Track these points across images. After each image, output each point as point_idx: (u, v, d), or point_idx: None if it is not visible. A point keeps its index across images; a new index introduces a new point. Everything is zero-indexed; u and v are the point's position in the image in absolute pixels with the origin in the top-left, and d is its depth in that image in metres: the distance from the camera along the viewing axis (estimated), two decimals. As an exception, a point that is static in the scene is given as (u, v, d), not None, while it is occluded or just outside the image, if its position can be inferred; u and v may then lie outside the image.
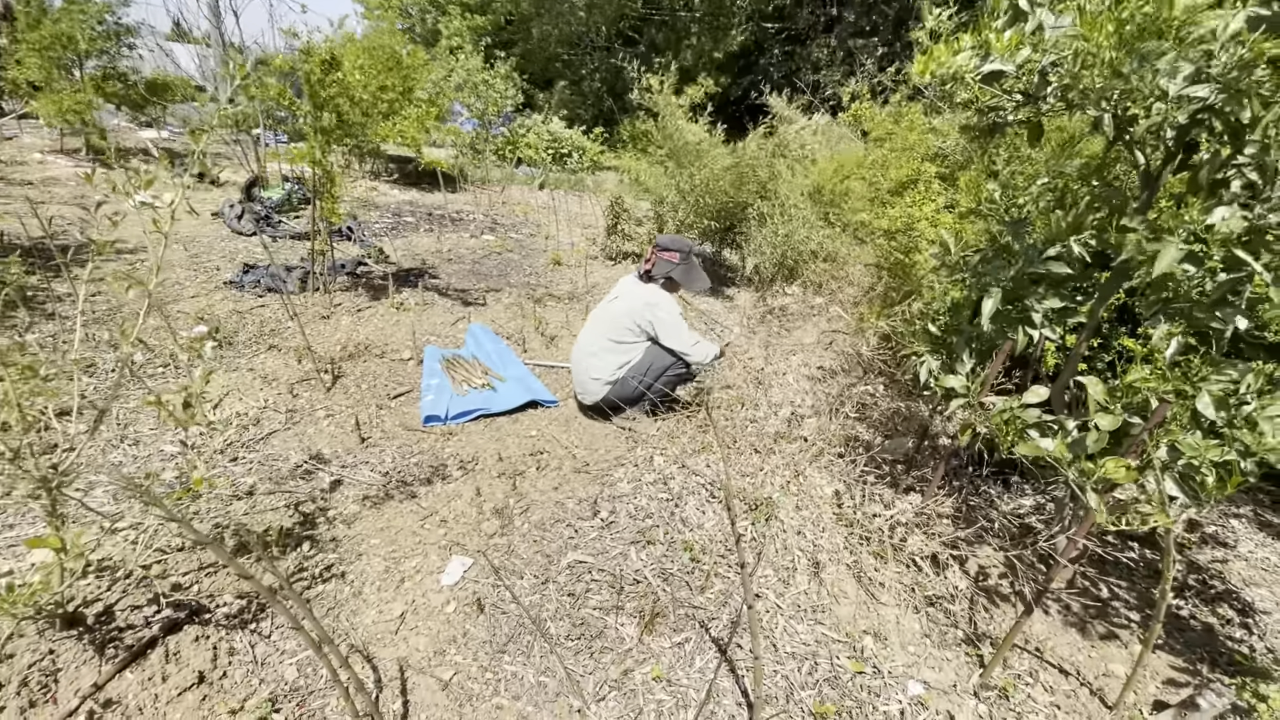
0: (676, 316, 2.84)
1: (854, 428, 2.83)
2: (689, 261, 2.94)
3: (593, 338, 2.93)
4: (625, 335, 2.86)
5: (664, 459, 2.62)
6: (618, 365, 2.86)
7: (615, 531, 2.18)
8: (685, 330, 2.86)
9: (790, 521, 2.19)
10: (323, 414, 2.83)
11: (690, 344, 2.85)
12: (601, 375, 2.87)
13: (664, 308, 2.83)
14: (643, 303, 2.84)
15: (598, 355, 2.88)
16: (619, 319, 2.86)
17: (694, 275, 2.94)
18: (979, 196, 1.88)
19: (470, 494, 2.37)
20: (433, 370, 3.27)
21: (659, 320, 2.82)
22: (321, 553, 2.01)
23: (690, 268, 2.93)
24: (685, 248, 2.92)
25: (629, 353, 2.87)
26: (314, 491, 2.31)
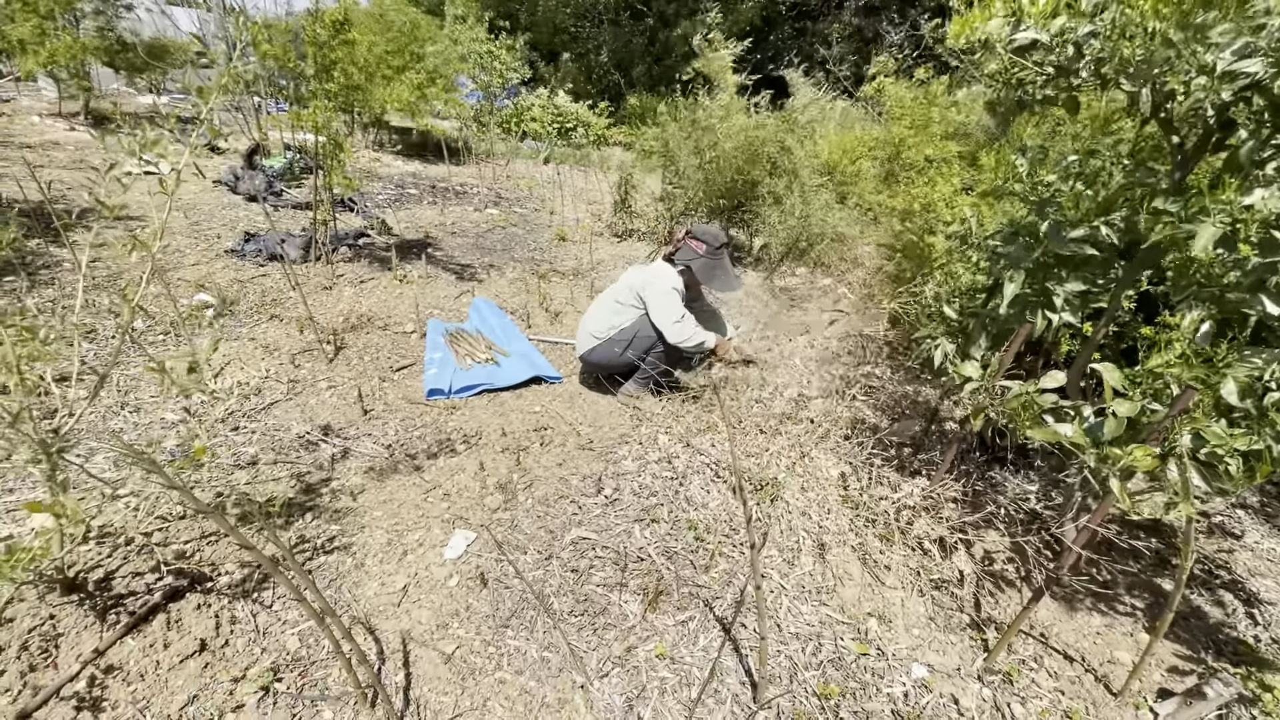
0: (668, 292, 2.73)
1: (861, 410, 2.80)
2: (716, 256, 2.81)
3: (602, 299, 2.93)
4: (625, 298, 2.83)
5: (669, 437, 2.60)
6: (609, 325, 2.82)
7: (619, 509, 2.17)
8: (674, 308, 2.73)
9: (796, 503, 2.17)
10: (325, 385, 2.80)
11: (670, 322, 2.73)
12: (592, 328, 2.86)
13: (659, 283, 2.75)
14: (642, 273, 2.82)
15: (597, 313, 2.87)
16: (622, 284, 2.86)
17: (718, 273, 2.81)
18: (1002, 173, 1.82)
19: (474, 468, 2.35)
20: (436, 344, 3.24)
21: (649, 290, 2.75)
22: (324, 524, 2.00)
23: (715, 264, 2.80)
24: (715, 240, 2.80)
25: (621, 316, 2.82)
26: (317, 462, 2.29)
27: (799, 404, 2.84)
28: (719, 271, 2.82)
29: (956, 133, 3.52)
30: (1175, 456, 1.27)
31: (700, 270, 2.81)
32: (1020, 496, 2.31)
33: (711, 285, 2.83)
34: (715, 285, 2.83)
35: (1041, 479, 2.44)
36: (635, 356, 2.80)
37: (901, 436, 2.59)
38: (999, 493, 2.32)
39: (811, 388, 3.01)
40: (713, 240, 2.82)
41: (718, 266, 2.82)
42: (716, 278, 2.82)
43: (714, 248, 2.81)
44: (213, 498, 2.03)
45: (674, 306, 2.74)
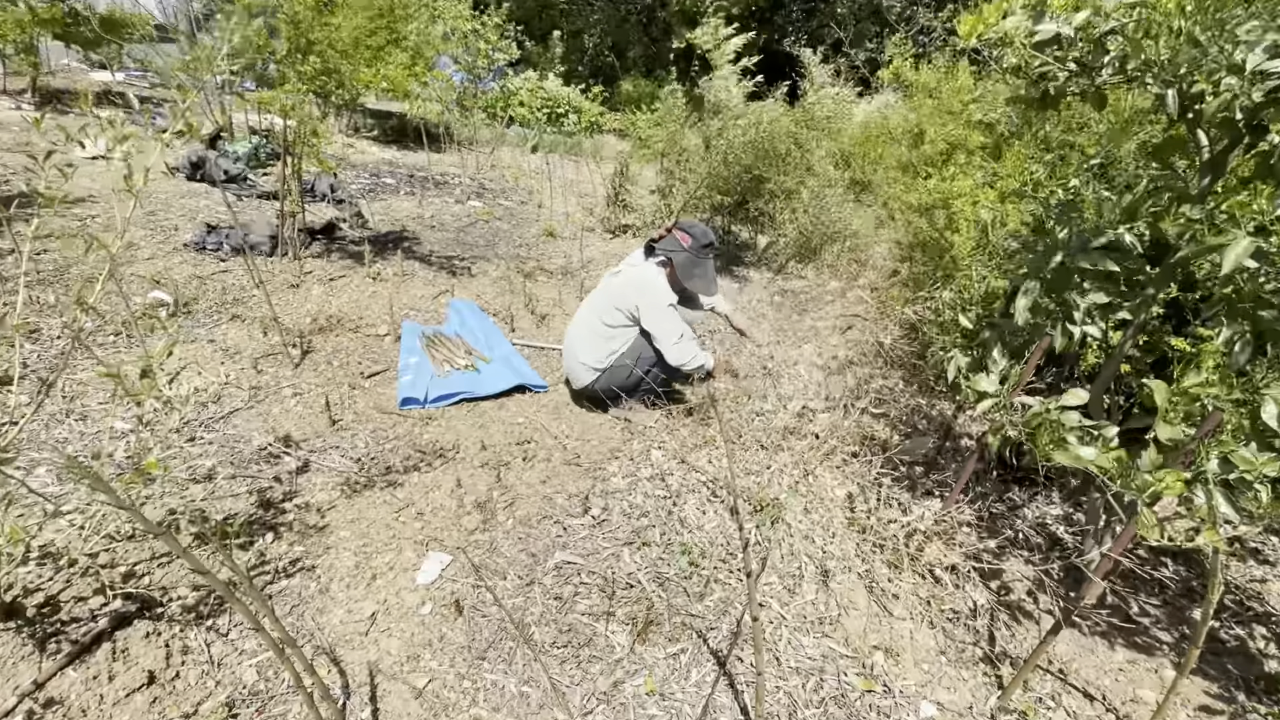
0: (665, 310, 2.73)
1: (870, 425, 2.82)
2: (701, 256, 2.82)
3: (585, 317, 2.89)
4: (613, 318, 2.80)
5: (662, 453, 2.61)
6: (608, 352, 2.82)
7: (607, 530, 2.18)
8: (674, 327, 2.74)
9: (798, 525, 2.18)
10: (290, 392, 2.80)
11: (671, 341, 2.74)
12: (589, 360, 2.83)
13: (652, 293, 2.73)
14: (632, 285, 2.77)
15: (587, 339, 2.84)
16: (610, 299, 2.81)
17: (697, 273, 2.82)
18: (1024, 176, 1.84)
19: (450, 485, 2.35)
20: (411, 348, 3.24)
21: (647, 310, 2.74)
22: (286, 545, 1.99)
23: (696, 262, 2.82)
24: (703, 238, 2.82)
25: (618, 339, 2.81)
26: (279, 477, 2.29)
27: (804, 417, 2.85)
28: (699, 272, 2.84)
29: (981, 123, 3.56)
30: (1201, 481, 1.29)
31: (681, 266, 2.81)
32: (1040, 520, 2.33)
33: (688, 285, 2.84)
34: (692, 285, 2.84)
35: (1063, 500, 2.46)
36: (643, 371, 2.82)
37: (913, 454, 2.61)
38: (1017, 516, 2.34)
39: (817, 400, 3.03)
40: (700, 236, 2.83)
41: (699, 266, 2.84)
42: (695, 277, 2.83)
43: (700, 245, 2.82)
44: (165, 516, 2.02)
45: (674, 325, 2.75)
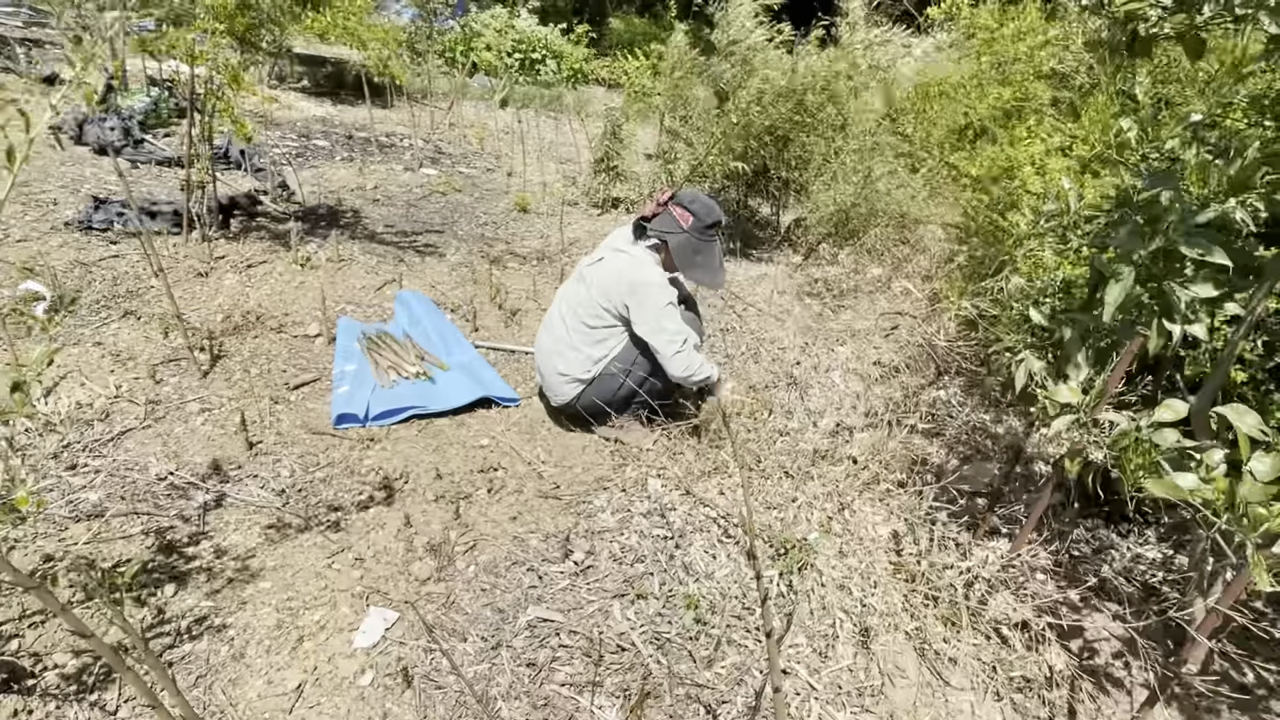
0: (663, 309, 2.69)
1: (921, 446, 2.82)
2: (705, 238, 2.78)
3: (561, 317, 2.87)
4: (597, 318, 2.77)
5: (662, 482, 2.61)
6: (593, 359, 2.80)
7: (593, 580, 2.17)
8: (674, 331, 2.69)
9: (831, 572, 2.18)
10: (196, 408, 2.80)
11: (672, 349, 2.69)
12: (570, 370, 2.82)
13: (645, 290, 2.68)
14: (621, 276, 2.71)
15: (566, 344, 2.82)
16: (593, 294, 2.77)
17: (699, 259, 2.77)
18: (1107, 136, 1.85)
19: (397, 524, 2.35)
20: (349, 352, 3.24)
21: (640, 308, 2.69)
22: (192, 599, 1.99)
23: (699, 246, 2.77)
24: (706, 216, 2.77)
25: (605, 344, 2.80)
26: (184, 514, 2.28)
27: (838, 438, 2.86)
28: (701, 259, 2.78)
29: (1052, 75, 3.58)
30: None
31: (679, 250, 2.76)
32: (1133, 565, 2.34)
33: (688, 275, 2.80)
34: (693, 276, 2.79)
35: (1161, 540, 2.46)
36: (636, 382, 2.80)
37: (974, 483, 2.61)
38: (1104, 560, 2.34)
39: (856, 415, 3.03)
40: (704, 214, 2.77)
41: (702, 251, 2.78)
42: (697, 266, 2.78)
43: (705, 225, 2.77)
44: (39, 563, 2.01)
45: (674, 329, 2.71)
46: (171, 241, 4.06)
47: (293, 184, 5.26)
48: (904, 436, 2.81)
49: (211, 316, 3.44)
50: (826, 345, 3.71)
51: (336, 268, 4.13)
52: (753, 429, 2.90)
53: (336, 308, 3.72)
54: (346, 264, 4.20)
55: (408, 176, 6.07)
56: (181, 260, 3.88)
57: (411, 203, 5.48)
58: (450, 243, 4.80)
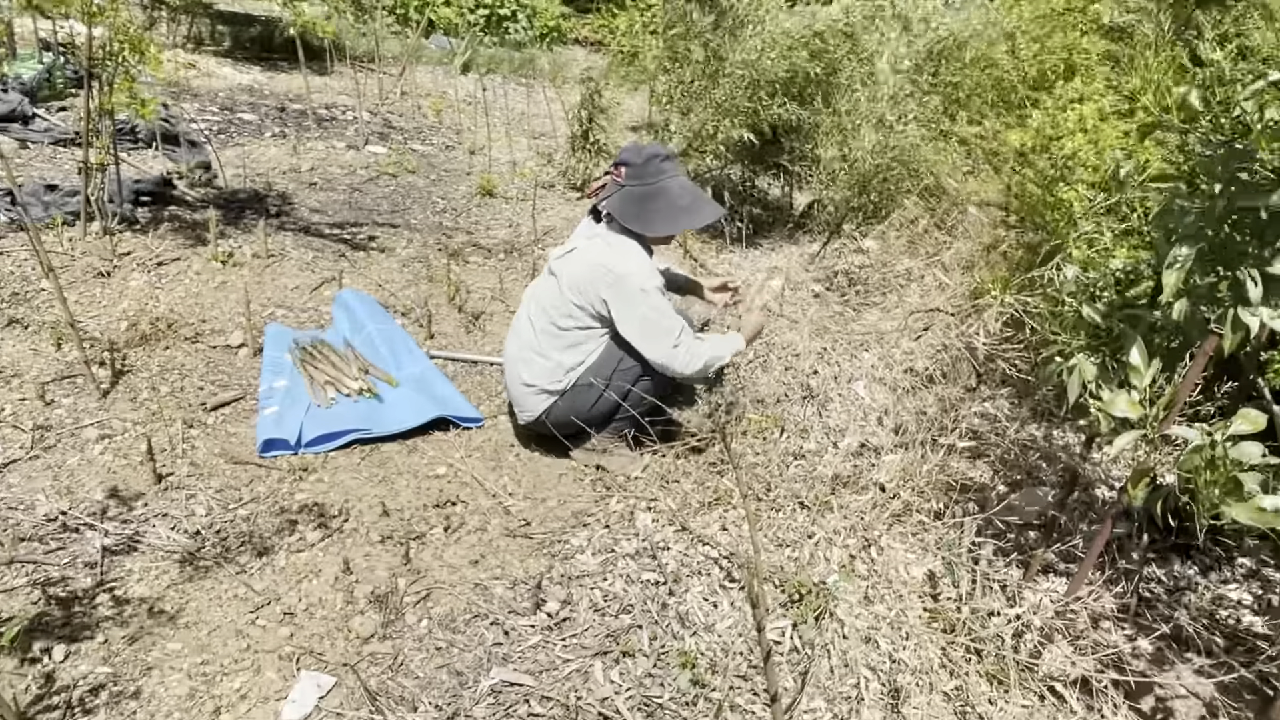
0: (646, 295, 2.68)
1: (961, 470, 2.82)
2: (646, 181, 2.74)
3: (531, 320, 2.87)
4: (570, 317, 2.76)
5: (653, 517, 2.60)
6: (564, 367, 2.80)
7: (570, 635, 2.15)
8: (663, 320, 2.69)
9: (855, 622, 2.17)
10: (94, 434, 2.78)
11: (667, 344, 2.70)
12: (538, 380, 2.81)
13: (627, 279, 2.67)
14: (595, 266, 2.71)
15: (535, 351, 2.82)
16: (564, 291, 2.76)
17: (654, 204, 2.73)
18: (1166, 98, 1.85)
19: (334, 570, 2.33)
20: (279, 366, 3.23)
21: (614, 299, 2.68)
22: (87, 662, 1.96)
23: (645, 192, 2.74)
24: (637, 156, 2.77)
25: (581, 347, 2.80)
26: (78, 560, 2.26)
27: (863, 460, 2.85)
28: (655, 203, 2.73)
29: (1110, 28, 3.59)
30: None
31: (622, 208, 2.74)
32: (1214, 607, 2.33)
33: (650, 229, 2.75)
34: (656, 226, 2.75)
35: (1248, 577, 2.46)
36: (619, 394, 2.80)
37: (1025, 513, 2.60)
38: (1179, 602, 2.33)
39: (883, 434, 3.02)
40: (634, 156, 2.77)
41: (652, 195, 2.74)
42: (654, 212, 2.73)
43: (638, 165, 2.75)
44: (-99, 622, 1.99)
45: (666, 324, 2.68)
46: (67, 235, 4.03)
47: (214, 166, 5.25)
48: (941, 458, 2.80)
49: (114, 324, 3.42)
50: (848, 350, 3.70)
51: (264, 265, 4.11)
52: (761, 451, 2.89)
53: (264, 312, 3.70)
54: (276, 260, 4.19)
55: (351, 156, 6.06)
56: (78, 258, 3.86)
57: (355, 187, 5.47)
58: (401, 234, 4.80)
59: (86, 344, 3.17)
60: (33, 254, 3.78)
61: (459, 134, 7.09)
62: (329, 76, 8.44)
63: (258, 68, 8.29)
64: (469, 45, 10.06)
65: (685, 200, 2.77)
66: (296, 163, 5.72)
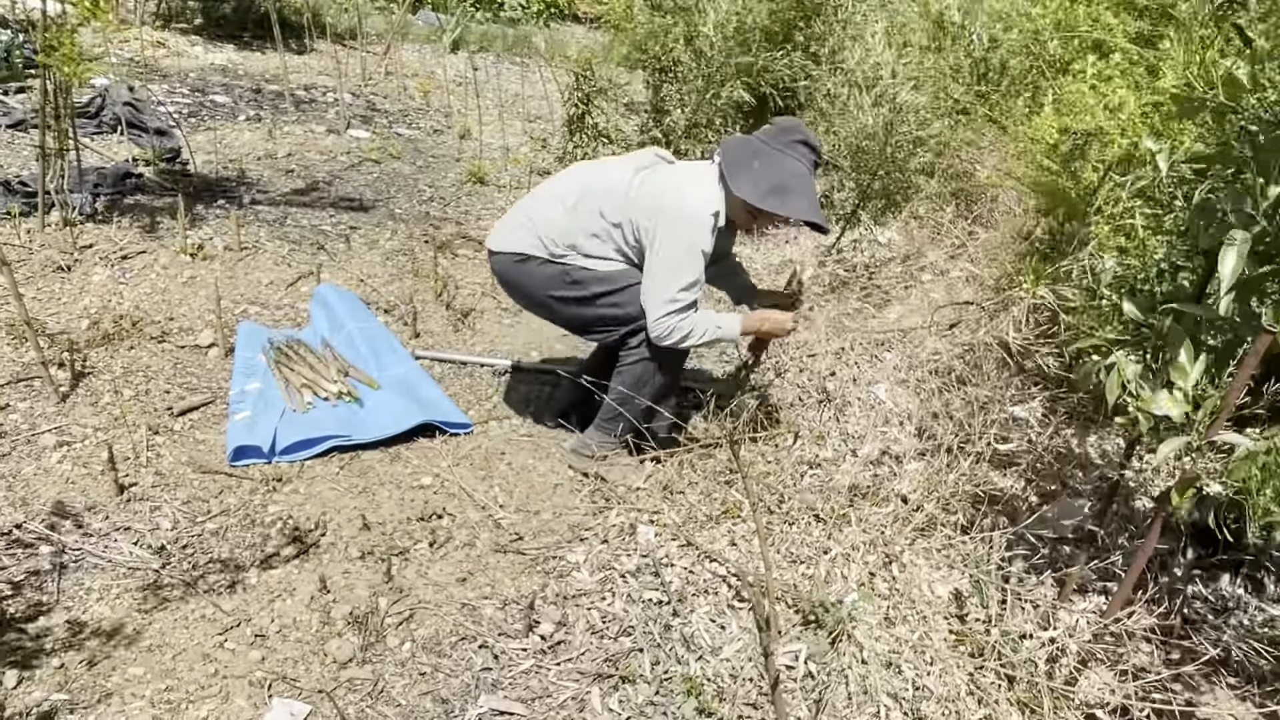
0: (685, 253, 2.60)
1: (991, 480, 2.80)
2: (768, 139, 2.70)
3: (583, 180, 2.78)
4: (610, 214, 2.66)
5: (656, 531, 2.58)
6: (569, 246, 2.70)
7: (565, 659, 2.14)
8: (683, 276, 2.60)
9: (875, 645, 2.16)
10: (52, 441, 2.78)
11: (663, 297, 2.62)
12: (537, 225, 2.74)
13: (678, 216, 2.59)
14: (663, 193, 2.63)
15: (566, 204, 2.71)
16: (622, 188, 2.68)
17: (750, 165, 2.64)
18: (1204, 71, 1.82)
19: (310, 589, 2.32)
20: (251, 367, 3.22)
21: (655, 233, 2.61)
22: (39, 690, 1.95)
23: (761, 149, 2.67)
24: (784, 121, 2.78)
25: (601, 246, 2.71)
26: (30, 579, 2.25)
27: (884, 469, 2.84)
28: (761, 168, 2.64)
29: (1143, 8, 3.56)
30: None
31: (734, 149, 2.69)
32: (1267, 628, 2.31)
33: (737, 184, 2.62)
34: (744, 184, 2.62)
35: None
36: (602, 325, 2.77)
37: (1059, 527, 2.59)
38: (1227, 623, 2.31)
39: (906, 440, 3.01)
40: (784, 121, 2.80)
41: (765, 157, 2.66)
42: (753, 175, 2.63)
43: (780, 127, 2.75)
44: None
45: (683, 281, 2.61)
46: (24, 226, 4.03)
47: (184, 151, 5.24)
48: (968, 467, 2.78)
49: (74, 323, 3.42)
50: (868, 350, 3.68)
51: (237, 258, 4.11)
52: (774, 459, 2.88)
53: (236, 310, 3.70)
54: (250, 253, 4.18)
55: (331, 141, 6.06)
56: (36, 250, 3.86)
57: (336, 174, 5.47)
58: (385, 225, 4.79)
59: (44, 343, 3.16)
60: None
61: (448, 117, 7.08)
62: (308, 55, 8.42)
63: (231, 46, 8.29)
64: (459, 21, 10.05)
65: (789, 182, 2.65)
66: (272, 148, 5.71)
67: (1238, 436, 1.67)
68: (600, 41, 8.95)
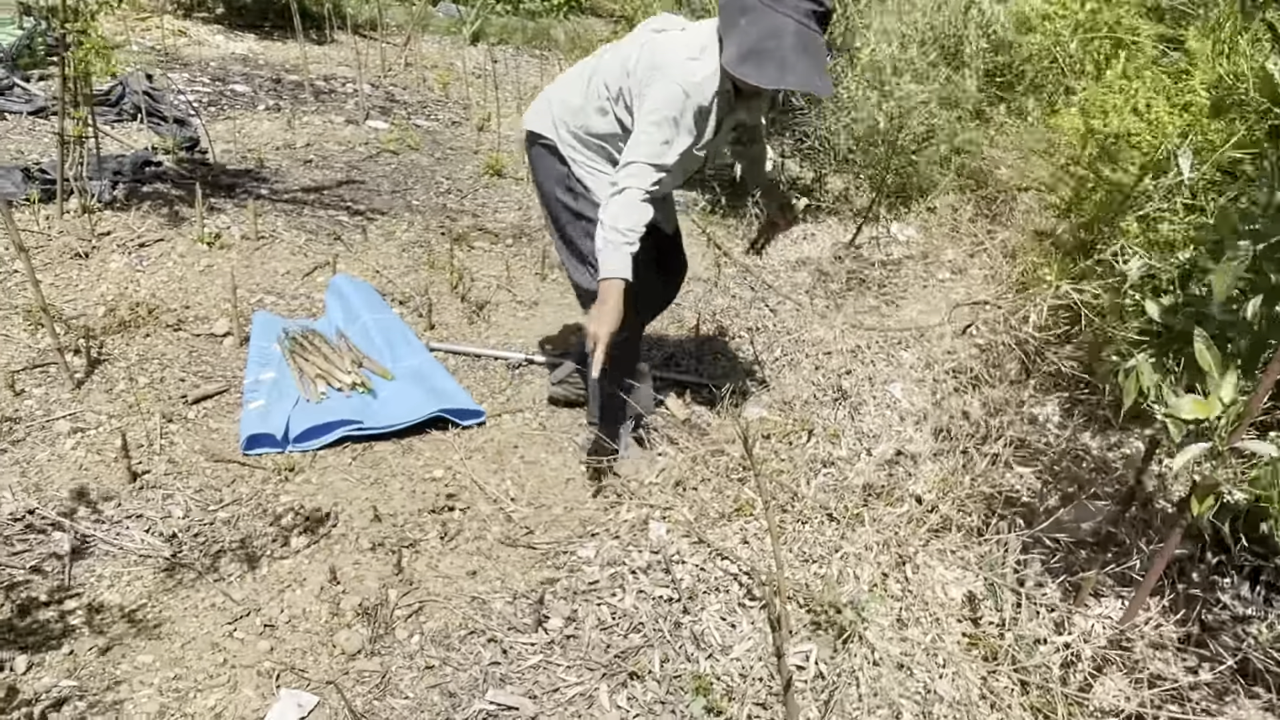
0: (661, 109, 2.36)
1: (1007, 481, 2.77)
2: (765, 12, 2.28)
3: (592, 68, 2.66)
4: (613, 82, 2.55)
5: (667, 527, 2.57)
6: (582, 123, 2.63)
7: (574, 654, 2.14)
8: (650, 145, 2.37)
9: (887, 647, 2.14)
10: (66, 427, 2.80)
11: (623, 166, 2.40)
12: (558, 107, 2.66)
13: (665, 73, 2.37)
14: (654, 57, 2.42)
15: (582, 85, 2.63)
16: (619, 60, 2.54)
17: (739, 24, 2.31)
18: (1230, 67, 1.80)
19: (320, 579, 2.33)
20: (266, 356, 3.23)
21: (642, 94, 2.43)
22: (49, 676, 1.96)
23: (749, 5, 2.31)
24: None
25: (609, 137, 2.61)
26: (42, 565, 2.26)
27: (899, 469, 2.82)
28: (748, 28, 2.31)
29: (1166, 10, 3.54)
30: None
31: (727, 6, 2.36)
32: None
33: (725, 51, 2.36)
34: (730, 52, 2.33)
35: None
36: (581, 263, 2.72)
37: (1076, 530, 2.56)
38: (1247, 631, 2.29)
39: (921, 440, 2.99)
40: None
41: (754, 14, 2.30)
42: (741, 36, 2.31)
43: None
44: None
45: (657, 147, 2.38)
46: (44, 213, 4.05)
47: (203, 140, 5.26)
48: (984, 469, 2.76)
49: (91, 309, 3.44)
50: (885, 348, 3.66)
51: (253, 247, 4.12)
52: (787, 457, 2.86)
53: (252, 299, 3.71)
54: (267, 243, 4.19)
55: (350, 131, 6.06)
56: (55, 237, 3.88)
57: (354, 164, 5.47)
58: (402, 215, 4.79)
59: (61, 330, 3.19)
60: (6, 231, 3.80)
61: (466, 109, 7.08)
62: (328, 46, 8.44)
63: (252, 36, 8.31)
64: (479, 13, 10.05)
65: (765, 44, 2.30)
66: (291, 138, 5.73)
67: (1262, 445, 1.64)
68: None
